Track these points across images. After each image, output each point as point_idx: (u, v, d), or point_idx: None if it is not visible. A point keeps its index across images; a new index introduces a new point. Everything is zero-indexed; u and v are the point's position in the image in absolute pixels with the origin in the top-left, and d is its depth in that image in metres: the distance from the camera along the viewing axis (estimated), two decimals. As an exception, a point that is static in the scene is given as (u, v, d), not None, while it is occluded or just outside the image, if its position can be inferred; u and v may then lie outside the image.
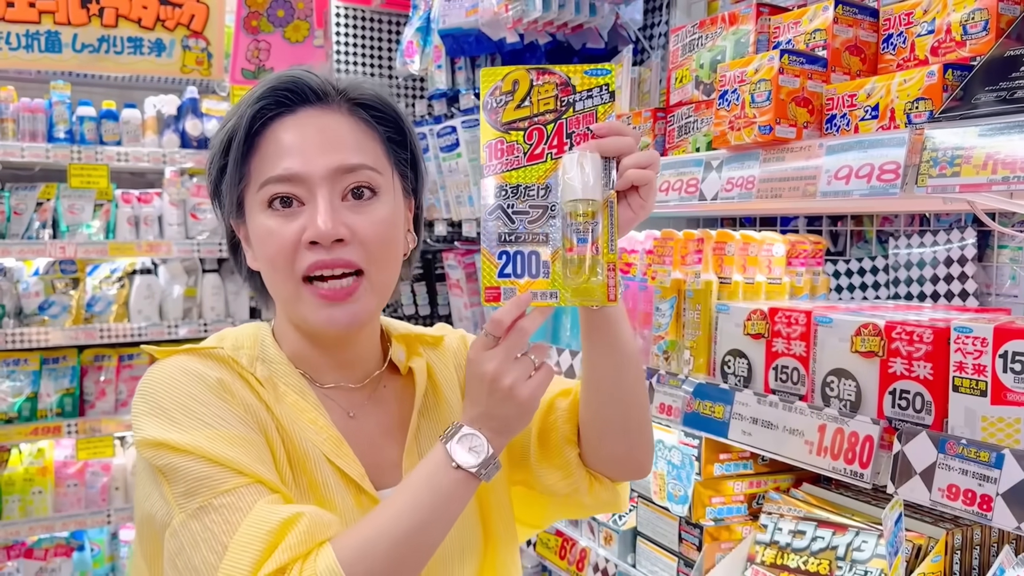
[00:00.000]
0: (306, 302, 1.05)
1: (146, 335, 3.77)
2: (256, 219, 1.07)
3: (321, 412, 1.10)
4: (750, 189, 1.47)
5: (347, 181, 1.05)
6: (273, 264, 1.05)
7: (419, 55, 2.94)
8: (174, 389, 1.03)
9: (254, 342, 1.13)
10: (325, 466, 1.07)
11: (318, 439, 1.08)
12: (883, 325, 1.29)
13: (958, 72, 1.26)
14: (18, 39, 3.59)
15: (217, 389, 1.04)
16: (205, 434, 1.00)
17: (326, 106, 1.08)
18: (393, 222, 1.09)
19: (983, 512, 1.10)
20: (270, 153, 1.05)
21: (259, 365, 1.10)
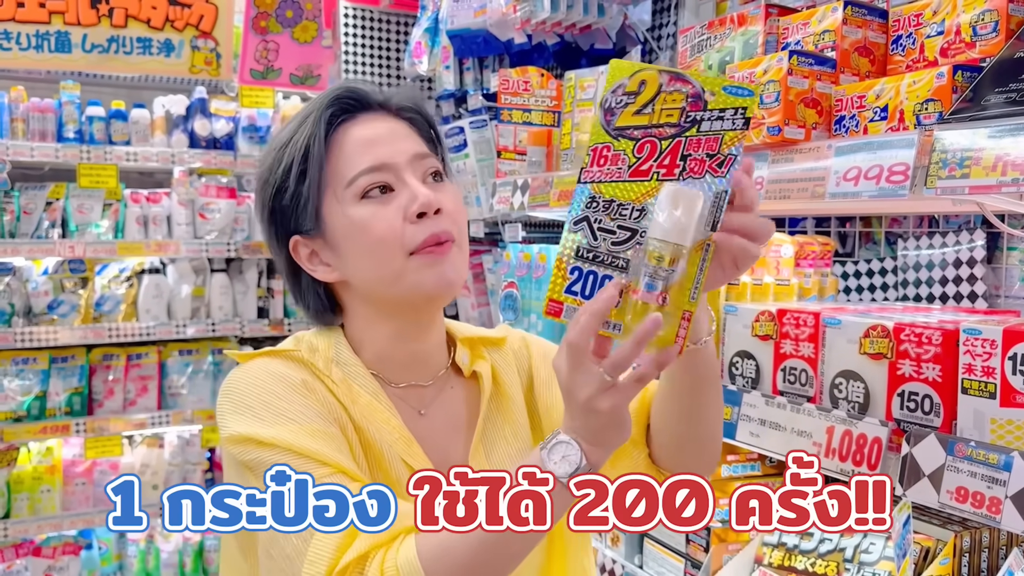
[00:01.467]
0: (414, 270, 1.10)
1: (154, 334, 3.79)
2: (351, 213, 1.11)
3: (393, 413, 1.15)
4: (758, 190, 1.47)
5: (425, 166, 1.14)
6: (381, 243, 1.09)
7: (427, 56, 2.94)
8: (258, 388, 1.10)
9: (328, 345, 1.18)
10: (399, 464, 1.12)
11: (391, 438, 1.13)
12: (892, 327, 1.29)
13: (968, 73, 1.26)
14: (28, 39, 3.61)
15: (300, 388, 1.10)
16: (289, 428, 1.05)
17: (380, 112, 1.17)
18: (461, 201, 1.19)
19: (992, 515, 1.10)
20: (350, 152, 1.12)
21: (334, 367, 1.16)
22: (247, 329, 3.98)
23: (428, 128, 1.22)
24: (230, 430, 1.07)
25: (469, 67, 2.84)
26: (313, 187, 1.12)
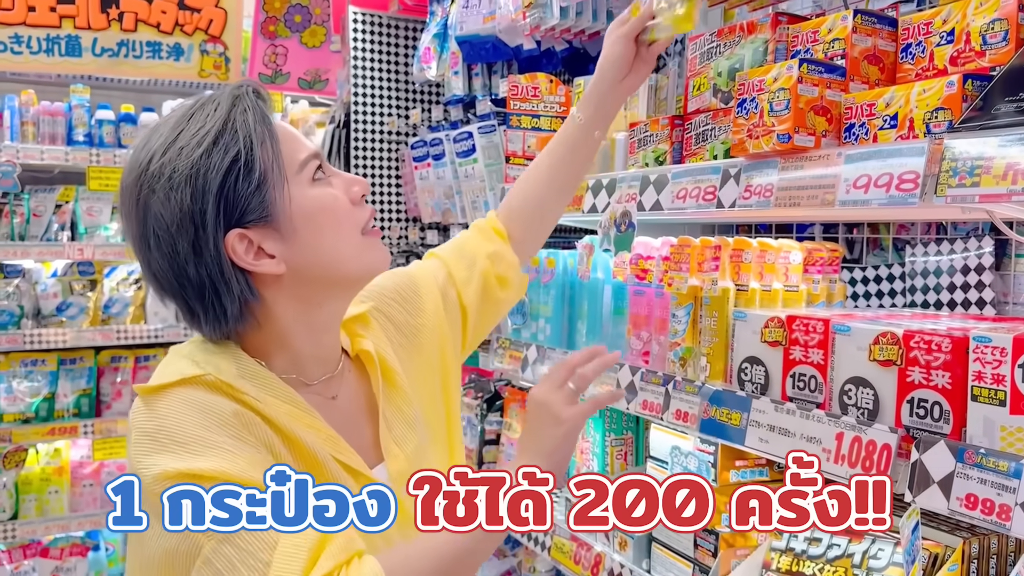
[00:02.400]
0: (370, 247, 1.20)
1: (162, 336, 3.80)
2: (309, 195, 1.15)
3: (313, 414, 1.17)
4: (768, 197, 1.48)
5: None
6: (342, 221, 1.17)
7: (436, 61, 2.95)
8: (185, 421, 1.05)
9: (227, 361, 1.14)
10: (332, 463, 1.15)
11: (319, 440, 1.15)
12: (901, 334, 1.29)
13: (978, 82, 1.27)
14: (39, 43, 3.63)
15: (230, 418, 1.07)
16: (227, 458, 1.02)
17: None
18: None
19: (1002, 522, 1.10)
20: (285, 139, 1.15)
21: (244, 383, 1.12)
22: (254, 332, 3.99)
23: None
24: (160, 468, 1.01)
25: (478, 72, 2.85)
26: (268, 174, 1.11)
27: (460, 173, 2.92)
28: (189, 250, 1.09)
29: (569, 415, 1.18)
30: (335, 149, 3.31)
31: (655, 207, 1.76)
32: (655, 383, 1.74)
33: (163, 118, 1.17)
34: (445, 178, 3.00)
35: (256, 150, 1.10)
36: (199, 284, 1.11)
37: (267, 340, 1.19)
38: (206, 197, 1.08)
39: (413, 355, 1.39)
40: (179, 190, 1.08)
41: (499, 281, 1.53)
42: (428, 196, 3.14)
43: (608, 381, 1.89)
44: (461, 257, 1.51)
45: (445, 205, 3.07)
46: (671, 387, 1.69)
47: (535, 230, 1.62)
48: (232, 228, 1.10)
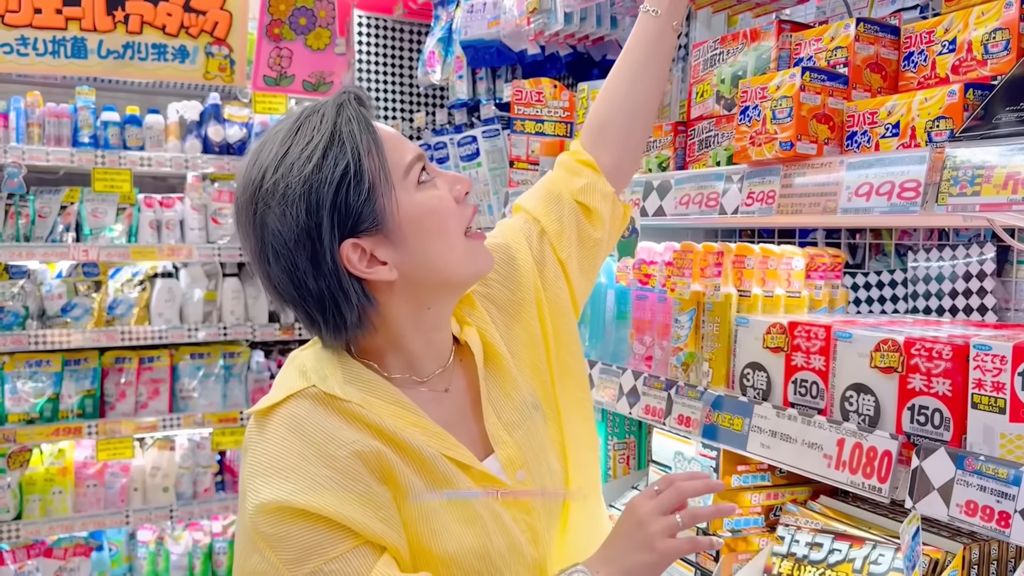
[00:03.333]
0: (475, 252, 1.21)
1: (167, 338, 3.82)
2: (417, 199, 1.16)
3: (419, 412, 1.18)
4: (771, 204, 1.49)
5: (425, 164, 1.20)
6: (448, 223, 1.18)
7: (440, 65, 2.97)
8: (284, 450, 1.09)
9: (334, 367, 1.17)
10: (441, 460, 1.16)
11: (426, 439, 1.16)
12: (902, 341, 1.30)
13: (979, 91, 1.27)
14: (45, 45, 3.65)
15: (324, 446, 1.09)
16: (321, 495, 1.06)
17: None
18: None
19: (1001, 528, 1.11)
20: (389, 145, 1.16)
21: (350, 388, 1.15)
22: (258, 333, 4.01)
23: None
24: (261, 497, 1.05)
25: (482, 77, 2.86)
26: (377, 182, 1.12)
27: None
28: (308, 264, 1.11)
29: (664, 548, 1.14)
30: (339, 152, 3.32)
31: (658, 212, 1.77)
32: (657, 388, 1.75)
33: (270, 130, 1.18)
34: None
35: (364, 160, 1.11)
36: (319, 295, 1.14)
37: (382, 342, 1.21)
38: (320, 211, 1.10)
39: (518, 332, 1.35)
40: (294, 206, 1.09)
41: (593, 220, 1.43)
42: (432, 199, 3.15)
43: (611, 385, 1.90)
44: (549, 205, 1.42)
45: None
46: (673, 392, 1.70)
47: (628, 150, 1.47)
48: (346, 238, 1.12)
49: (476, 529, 1.15)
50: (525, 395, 1.31)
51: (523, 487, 1.22)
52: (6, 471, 3.59)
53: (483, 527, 1.16)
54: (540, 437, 1.30)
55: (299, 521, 1.05)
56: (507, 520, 1.19)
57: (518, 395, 1.30)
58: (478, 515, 1.17)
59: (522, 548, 1.19)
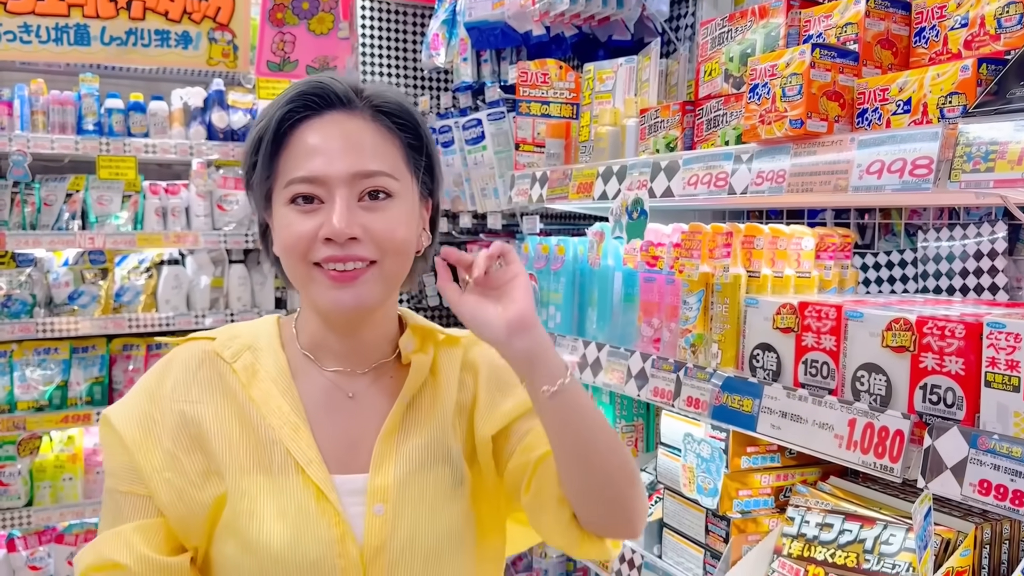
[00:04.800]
0: (317, 283, 1.12)
1: (174, 325, 3.82)
2: (279, 212, 1.14)
3: (289, 399, 1.17)
4: (780, 183, 1.47)
5: (364, 185, 1.11)
6: (290, 251, 1.12)
7: (445, 48, 2.95)
8: (145, 378, 1.21)
9: (256, 332, 1.23)
10: (279, 448, 1.15)
11: (278, 423, 1.16)
12: (914, 320, 1.29)
13: (992, 66, 1.26)
14: (48, 32, 3.63)
15: (167, 391, 1.18)
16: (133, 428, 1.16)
17: (350, 111, 1.14)
18: (405, 221, 1.15)
19: (1015, 507, 1.10)
20: (296, 154, 1.12)
21: (247, 354, 1.20)
22: (265, 320, 4.01)
23: (414, 131, 1.18)
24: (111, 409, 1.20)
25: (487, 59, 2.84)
26: (261, 178, 1.15)
27: (469, 161, 2.91)
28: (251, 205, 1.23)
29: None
30: (344, 137, 3.31)
31: (666, 194, 1.76)
32: (666, 370, 1.74)
33: None
34: (454, 166, 3.00)
35: (249, 157, 1.17)
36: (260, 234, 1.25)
37: (300, 314, 1.25)
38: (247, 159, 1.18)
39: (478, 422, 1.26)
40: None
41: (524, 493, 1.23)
42: (437, 183, 3.13)
43: (618, 368, 1.89)
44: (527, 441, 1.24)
45: (454, 193, 3.07)
46: (682, 374, 1.69)
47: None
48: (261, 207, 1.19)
49: (289, 526, 1.12)
50: (446, 445, 1.21)
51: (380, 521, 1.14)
52: (16, 458, 3.61)
53: (296, 527, 1.12)
54: (438, 490, 1.18)
55: (114, 442, 1.16)
56: (322, 532, 1.12)
57: (436, 439, 1.21)
58: (294, 512, 1.13)
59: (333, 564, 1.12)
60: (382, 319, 1.22)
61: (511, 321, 1.08)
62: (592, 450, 1.12)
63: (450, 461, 1.20)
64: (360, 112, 1.14)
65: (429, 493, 1.17)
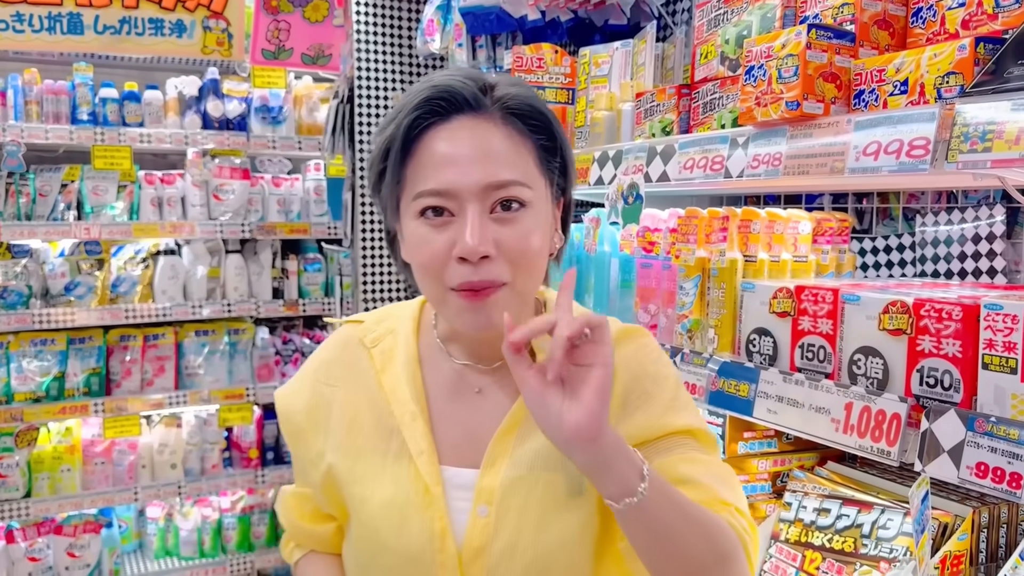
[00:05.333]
0: (450, 305, 1.08)
1: (171, 315, 3.81)
2: (409, 225, 1.09)
3: (413, 387, 1.18)
4: (777, 166, 1.46)
5: (497, 196, 1.05)
6: (424, 270, 1.09)
7: (439, 33, 2.92)
8: (310, 358, 1.30)
9: (401, 316, 1.26)
10: (397, 436, 1.15)
11: (399, 411, 1.16)
12: (911, 303, 1.28)
13: (990, 46, 1.24)
14: (40, 21, 3.61)
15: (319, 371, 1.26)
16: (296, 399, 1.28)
17: (479, 114, 1.08)
18: (540, 232, 1.09)
19: (1013, 490, 1.09)
20: (424, 163, 1.07)
21: (389, 338, 1.23)
22: (263, 309, 4.00)
23: (547, 131, 1.12)
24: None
25: (482, 44, 2.82)
26: (391, 186, 1.11)
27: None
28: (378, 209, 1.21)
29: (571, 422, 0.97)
30: (339, 125, 3.29)
31: (662, 178, 1.75)
32: (663, 355, 1.73)
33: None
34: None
35: (378, 164, 1.13)
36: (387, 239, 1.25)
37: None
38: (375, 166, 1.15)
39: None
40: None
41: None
42: (433, 171, 3.12)
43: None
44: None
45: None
46: (679, 359, 1.68)
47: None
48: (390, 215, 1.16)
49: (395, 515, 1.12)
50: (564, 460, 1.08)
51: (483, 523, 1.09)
52: (14, 450, 3.60)
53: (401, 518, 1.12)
54: (547, 499, 1.10)
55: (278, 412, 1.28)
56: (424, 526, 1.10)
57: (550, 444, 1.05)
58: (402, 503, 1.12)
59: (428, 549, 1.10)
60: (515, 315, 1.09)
61: (570, 428, 0.94)
62: (670, 558, 1.01)
63: (567, 469, 1.09)
64: (489, 115, 1.08)
65: (536, 501, 1.10)
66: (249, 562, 4.05)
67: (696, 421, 1.14)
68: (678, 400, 1.14)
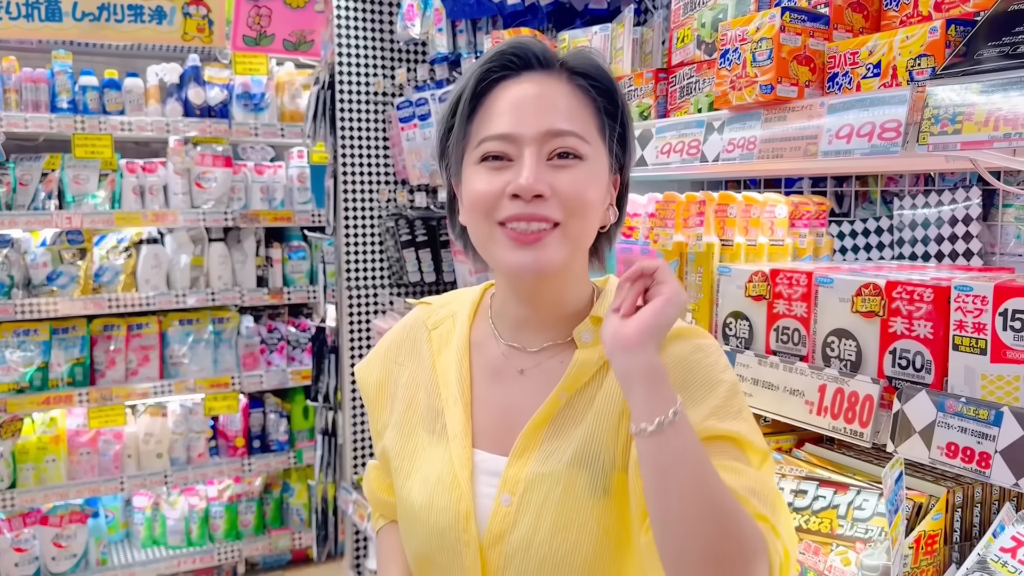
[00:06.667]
0: (499, 243, 1.10)
1: (154, 304, 3.80)
2: (469, 171, 1.13)
3: (460, 370, 1.21)
4: (751, 150, 1.46)
5: (554, 144, 1.09)
6: (475, 208, 1.11)
7: (420, 19, 2.91)
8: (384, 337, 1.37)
9: (463, 301, 1.29)
10: (441, 417, 1.20)
11: (446, 393, 1.21)
12: (884, 285, 1.29)
13: (961, 28, 1.24)
14: (18, 8, 3.57)
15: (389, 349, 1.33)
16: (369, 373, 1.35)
17: (548, 73, 1.13)
18: (593, 184, 1.11)
19: (981, 469, 1.10)
20: (491, 113, 1.12)
21: (449, 321, 1.27)
22: (247, 298, 3.99)
23: (610, 95, 1.15)
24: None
25: (462, 29, 2.80)
26: (457, 139, 1.14)
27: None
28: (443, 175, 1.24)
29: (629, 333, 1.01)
30: (321, 111, 3.27)
31: (639, 163, 1.74)
32: (641, 340, 1.74)
33: None
34: (432, 139, 2.97)
35: (446, 120, 1.17)
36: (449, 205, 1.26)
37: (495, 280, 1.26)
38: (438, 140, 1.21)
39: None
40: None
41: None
42: (415, 158, 3.11)
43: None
44: None
45: (433, 167, 3.04)
46: (657, 343, 1.69)
47: None
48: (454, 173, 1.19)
49: (428, 491, 1.16)
50: (596, 449, 1.11)
51: (504, 511, 1.10)
52: (-2, 440, 3.60)
53: (432, 494, 1.15)
54: (568, 496, 1.09)
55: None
56: (451, 505, 1.13)
57: (587, 440, 1.11)
58: (435, 480, 1.16)
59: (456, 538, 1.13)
60: (563, 292, 1.16)
61: (619, 334, 1.01)
62: (692, 520, 0.95)
63: (592, 467, 1.10)
64: (557, 73, 1.13)
65: (557, 498, 1.09)
66: (237, 550, 4.05)
67: (746, 431, 1.08)
68: (728, 407, 1.09)
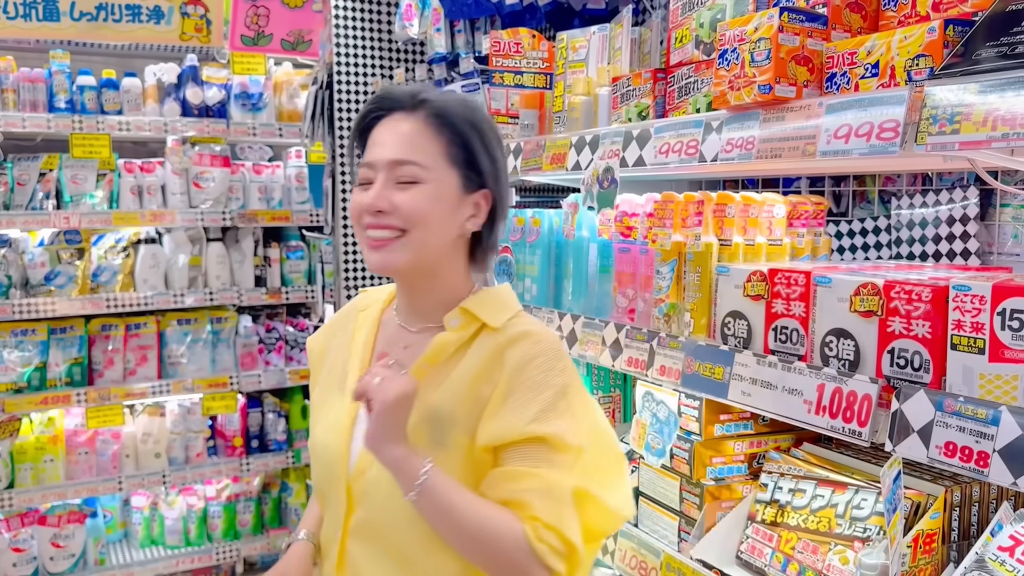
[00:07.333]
0: (364, 245, 1.40)
1: (153, 304, 3.79)
2: (355, 190, 1.43)
3: (365, 341, 1.50)
4: (750, 150, 1.46)
5: (399, 170, 1.36)
6: (352, 219, 1.43)
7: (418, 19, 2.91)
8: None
9: (388, 289, 1.58)
10: (346, 378, 1.48)
11: (352, 359, 1.50)
12: (882, 284, 1.29)
13: (959, 28, 1.24)
14: (16, 8, 3.57)
15: (335, 322, 1.62)
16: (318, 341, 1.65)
17: (409, 113, 1.38)
18: (432, 201, 1.36)
19: (980, 468, 1.11)
20: (366, 146, 1.42)
21: (374, 306, 1.55)
22: (245, 298, 3.99)
23: (458, 133, 1.39)
24: None
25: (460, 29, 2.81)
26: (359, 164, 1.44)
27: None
28: None
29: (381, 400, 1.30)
30: (319, 111, 3.27)
31: (638, 163, 1.75)
32: (640, 340, 1.74)
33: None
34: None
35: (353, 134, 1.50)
36: None
37: None
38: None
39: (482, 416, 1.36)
40: None
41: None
42: (414, 157, 3.11)
43: (594, 339, 1.89)
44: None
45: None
46: (655, 343, 1.69)
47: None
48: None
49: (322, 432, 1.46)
50: (441, 408, 1.36)
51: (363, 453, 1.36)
52: (-4, 441, 3.59)
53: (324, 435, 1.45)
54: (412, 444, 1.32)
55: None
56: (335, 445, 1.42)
57: (438, 401, 1.36)
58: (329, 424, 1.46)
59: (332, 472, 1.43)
60: (431, 284, 1.43)
61: (365, 443, 1.31)
62: (465, 551, 1.30)
63: (434, 424, 1.35)
64: (416, 114, 1.38)
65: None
66: (235, 550, 4.05)
67: (563, 432, 1.30)
68: (553, 409, 1.31)
